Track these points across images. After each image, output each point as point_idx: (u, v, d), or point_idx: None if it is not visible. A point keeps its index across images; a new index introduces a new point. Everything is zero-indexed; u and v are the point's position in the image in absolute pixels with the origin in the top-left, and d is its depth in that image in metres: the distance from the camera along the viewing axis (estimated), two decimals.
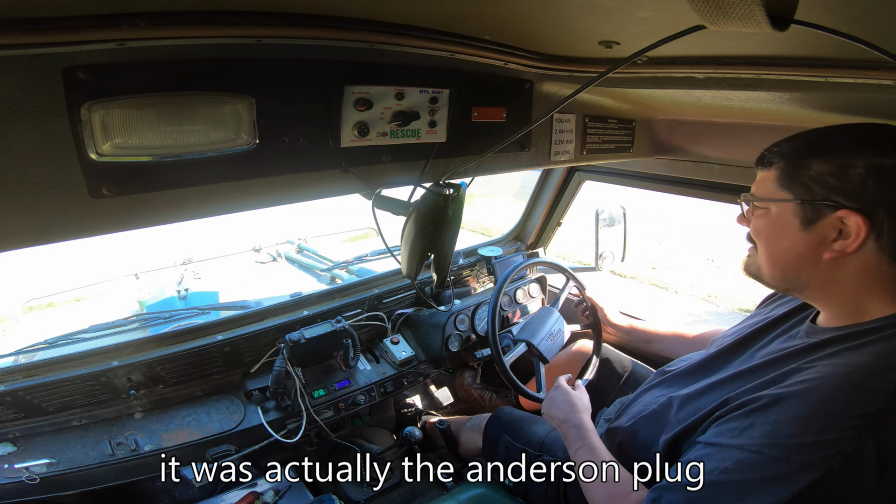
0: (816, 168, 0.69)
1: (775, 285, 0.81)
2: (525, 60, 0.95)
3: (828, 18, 0.50)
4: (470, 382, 1.97)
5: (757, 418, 0.70)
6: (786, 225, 0.73)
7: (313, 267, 2.31)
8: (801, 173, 0.71)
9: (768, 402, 0.70)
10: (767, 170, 0.76)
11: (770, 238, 0.77)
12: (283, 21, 0.65)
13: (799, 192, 0.71)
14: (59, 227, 0.61)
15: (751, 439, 0.69)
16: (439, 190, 0.95)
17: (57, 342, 1.48)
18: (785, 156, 0.74)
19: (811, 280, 0.75)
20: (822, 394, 0.66)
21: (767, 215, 0.76)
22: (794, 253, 0.74)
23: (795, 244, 0.73)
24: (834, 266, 0.71)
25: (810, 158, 0.70)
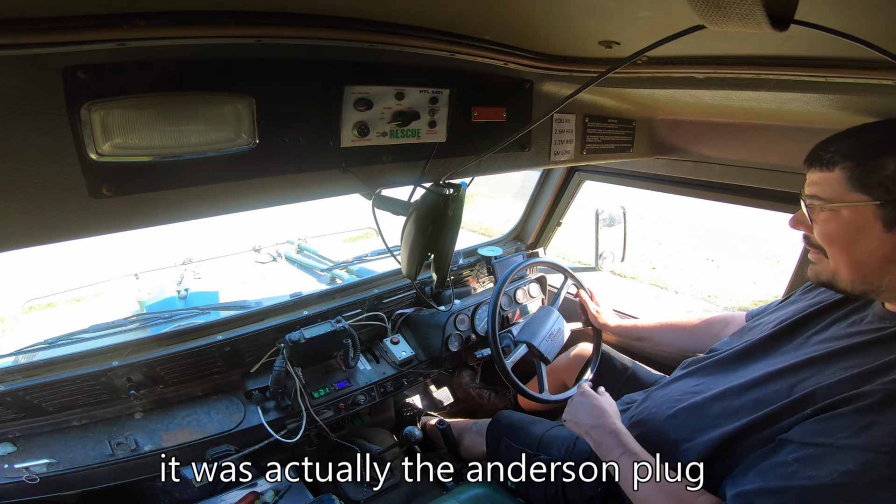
0: (892, 167, 0.68)
1: (853, 289, 0.77)
2: (525, 60, 0.95)
3: (828, 18, 0.50)
4: (468, 382, 1.97)
5: (877, 416, 0.67)
6: (866, 227, 0.71)
7: (313, 267, 2.31)
8: (877, 174, 0.69)
9: (884, 397, 0.67)
10: (829, 171, 0.74)
11: (848, 242, 0.73)
12: (283, 21, 0.65)
13: (878, 193, 0.69)
14: (59, 227, 0.61)
15: (876, 439, 0.65)
16: (439, 190, 0.95)
17: (57, 342, 1.48)
18: (851, 156, 0.71)
19: (893, 280, 0.72)
20: None
21: (839, 218, 0.73)
22: (879, 254, 0.71)
23: (880, 246, 0.70)
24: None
25: (884, 157, 0.68)
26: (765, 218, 1.50)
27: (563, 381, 1.71)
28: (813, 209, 0.77)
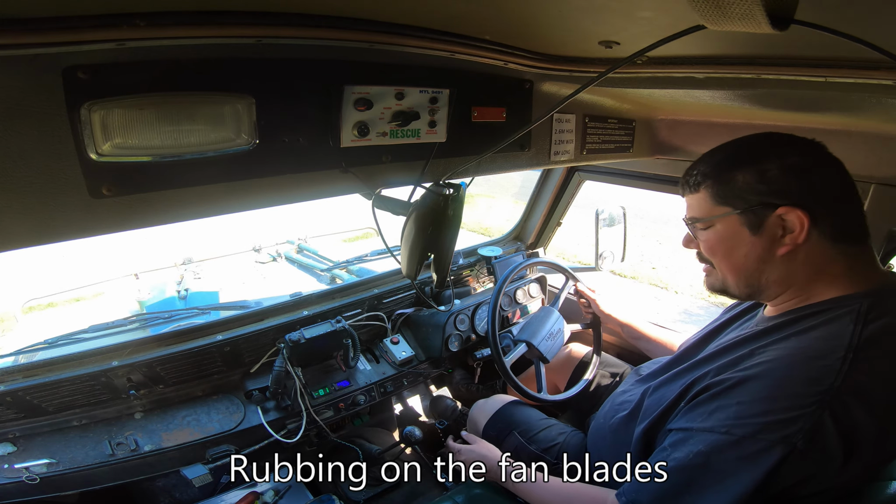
0: (742, 178, 0.77)
1: (740, 293, 0.84)
2: (525, 60, 0.95)
3: (828, 18, 0.49)
4: (457, 381, 1.96)
5: (722, 401, 0.74)
6: (736, 235, 0.79)
7: (313, 267, 2.31)
8: (731, 187, 0.77)
9: (731, 384, 0.74)
10: (696, 192, 0.83)
11: (726, 251, 0.81)
12: (283, 21, 0.65)
13: (736, 203, 0.77)
14: (59, 227, 0.61)
15: (719, 421, 0.72)
16: (439, 190, 0.95)
17: (57, 342, 1.48)
18: (709, 175, 0.80)
19: (771, 278, 0.79)
20: (779, 374, 0.71)
21: (715, 232, 0.81)
22: (753, 257, 0.79)
23: (752, 249, 0.78)
24: (788, 260, 0.77)
25: (733, 172, 0.77)
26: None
27: (555, 382, 1.71)
28: (694, 229, 0.85)
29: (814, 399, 0.67)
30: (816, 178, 0.74)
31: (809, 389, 0.67)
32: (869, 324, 0.70)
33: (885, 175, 1.18)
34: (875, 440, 0.68)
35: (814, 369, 0.69)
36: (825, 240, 0.75)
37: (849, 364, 0.67)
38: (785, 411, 0.68)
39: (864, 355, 0.68)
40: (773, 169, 0.75)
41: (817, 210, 0.73)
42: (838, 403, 0.66)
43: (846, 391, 0.66)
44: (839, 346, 0.69)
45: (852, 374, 0.67)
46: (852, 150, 1.18)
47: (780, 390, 0.69)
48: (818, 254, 0.75)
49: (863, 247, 0.78)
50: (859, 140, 1.16)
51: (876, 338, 0.69)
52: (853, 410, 0.66)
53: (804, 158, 0.75)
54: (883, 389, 0.68)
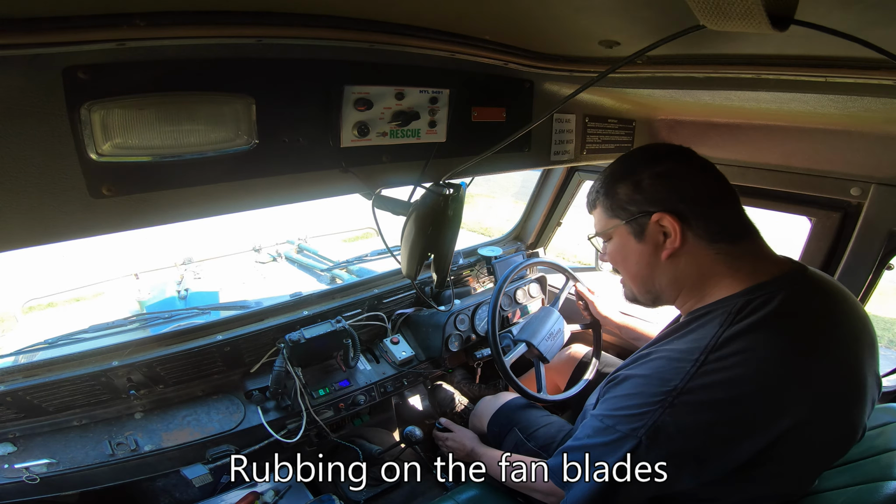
0: (621, 192, 0.84)
1: (644, 300, 0.90)
2: (525, 60, 0.95)
3: (828, 18, 0.50)
4: (458, 380, 1.97)
5: (608, 393, 0.82)
6: (627, 244, 0.86)
7: (313, 267, 2.31)
8: (616, 199, 0.85)
9: (619, 380, 0.81)
10: (595, 209, 0.91)
11: (623, 259, 0.88)
12: (283, 21, 0.65)
13: (622, 214, 0.84)
14: (59, 227, 0.61)
15: (600, 410, 0.81)
16: (439, 190, 0.95)
17: (57, 342, 1.48)
18: (600, 192, 0.88)
19: (662, 282, 0.85)
20: (647, 374, 0.77)
21: (613, 244, 0.89)
22: (643, 262, 0.85)
23: (640, 256, 0.84)
24: (673, 263, 0.82)
25: (616, 186, 0.85)
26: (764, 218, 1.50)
27: (556, 382, 1.71)
28: (599, 244, 0.93)
29: (659, 399, 0.71)
30: (685, 183, 0.80)
31: (658, 389, 0.72)
32: (734, 324, 0.72)
33: (885, 175, 1.18)
34: (721, 441, 0.70)
35: (670, 371, 0.73)
36: (701, 241, 0.79)
37: (698, 366, 0.70)
38: (638, 407, 0.73)
39: (716, 356, 0.70)
40: (646, 179, 0.81)
41: (688, 214, 0.78)
42: (680, 404, 0.69)
43: (687, 392, 0.69)
44: (697, 348, 0.72)
45: (699, 376, 0.70)
46: (852, 150, 1.18)
47: (640, 388, 0.75)
48: (699, 255, 0.80)
49: (746, 243, 0.80)
50: (859, 140, 1.16)
51: (733, 337, 0.71)
52: (694, 411, 0.69)
53: (672, 166, 0.82)
54: (725, 390, 0.69)
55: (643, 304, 0.91)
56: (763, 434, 0.69)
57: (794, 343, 0.72)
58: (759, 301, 0.73)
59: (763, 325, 0.71)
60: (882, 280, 1.29)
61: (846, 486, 0.79)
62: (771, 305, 0.72)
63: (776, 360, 0.70)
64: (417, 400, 1.95)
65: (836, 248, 1.32)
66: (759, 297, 0.74)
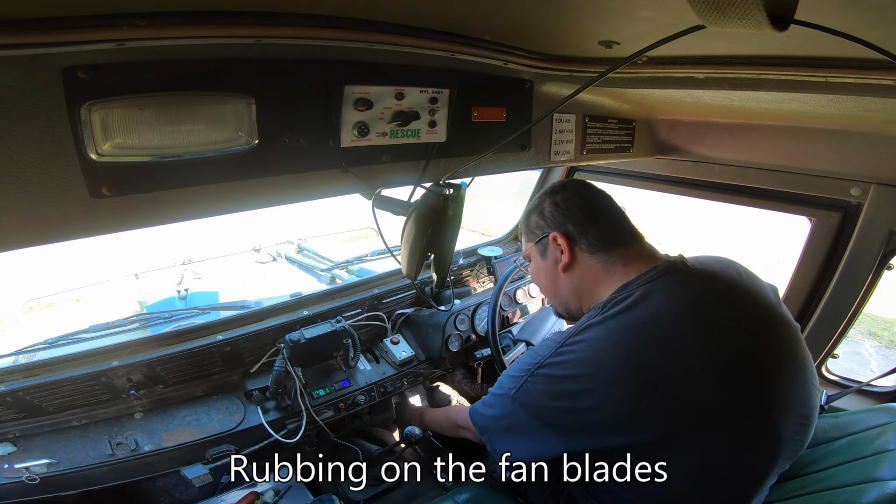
0: (532, 220, 1.05)
1: (561, 311, 1.07)
2: (525, 60, 0.95)
3: (828, 18, 0.49)
4: (459, 380, 1.97)
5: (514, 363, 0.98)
6: (537, 262, 1.05)
7: (313, 267, 2.31)
8: (529, 227, 1.06)
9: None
10: (523, 237, 1.09)
11: (536, 275, 1.07)
12: (283, 21, 0.65)
13: (532, 237, 1.04)
14: (59, 227, 0.61)
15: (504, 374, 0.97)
16: (439, 190, 0.95)
17: (57, 342, 1.48)
18: (523, 222, 1.09)
19: (564, 293, 1.01)
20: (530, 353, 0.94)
21: (532, 265, 1.08)
22: (549, 277, 1.02)
23: (546, 271, 1.03)
24: (569, 275, 0.99)
25: (529, 217, 1.06)
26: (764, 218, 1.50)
27: None
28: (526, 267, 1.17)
29: (526, 369, 0.89)
30: (572, 208, 0.99)
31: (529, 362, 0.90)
32: (594, 318, 0.86)
33: (885, 175, 1.18)
34: (570, 414, 0.84)
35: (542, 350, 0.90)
36: (584, 253, 0.97)
37: (557, 347, 0.87)
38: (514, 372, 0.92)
39: (570, 341, 0.86)
40: (546, 206, 1.01)
41: (574, 233, 0.97)
42: (534, 375, 0.88)
43: (543, 366, 0.87)
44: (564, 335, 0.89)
45: (554, 356, 0.86)
46: (852, 150, 1.18)
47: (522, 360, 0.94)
48: (585, 266, 0.97)
49: (621, 249, 0.95)
50: (859, 140, 1.16)
51: (588, 328, 0.85)
52: (543, 383, 0.86)
53: (566, 196, 1.00)
54: (566, 368, 0.84)
55: (562, 317, 1.08)
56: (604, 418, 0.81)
57: (630, 335, 0.82)
58: (620, 297, 0.86)
59: (612, 317, 0.84)
60: (882, 280, 1.29)
61: (846, 486, 0.79)
62: (628, 301, 0.85)
63: (610, 351, 0.82)
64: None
65: (836, 248, 1.32)
66: (621, 295, 0.87)
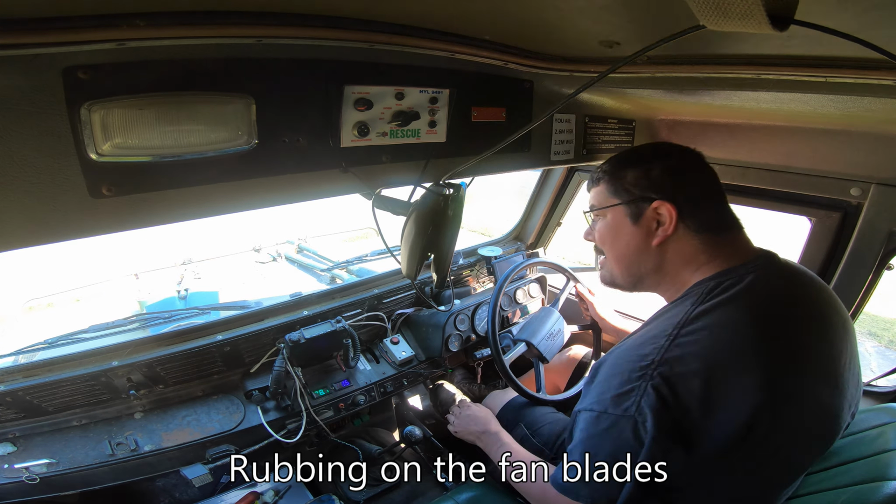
0: (630, 175, 0.89)
1: (624, 283, 0.94)
2: (525, 60, 0.95)
3: (828, 18, 0.50)
4: (459, 380, 1.97)
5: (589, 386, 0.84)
6: (621, 224, 0.90)
7: (313, 267, 2.31)
8: (622, 181, 0.89)
9: (598, 367, 0.84)
10: (598, 185, 0.94)
11: (612, 239, 0.92)
12: (283, 21, 0.65)
13: (623, 196, 0.89)
14: (59, 227, 0.61)
15: (588, 402, 0.81)
16: (439, 190, 0.95)
17: (57, 342, 1.48)
18: (608, 172, 0.92)
19: (647, 267, 0.89)
20: (623, 354, 0.79)
21: (605, 222, 0.93)
22: (632, 246, 0.89)
23: (632, 238, 0.89)
24: (660, 250, 0.87)
25: (625, 169, 0.90)
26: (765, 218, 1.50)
27: (556, 383, 1.71)
28: (593, 218, 0.96)
29: (640, 374, 0.73)
30: (687, 179, 0.87)
31: (638, 364, 0.74)
32: (704, 303, 0.77)
33: (885, 175, 1.18)
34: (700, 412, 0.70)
35: (647, 346, 0.76)
36: (689, 231, 0.85)
37: (671, 339, 0.74)
38: (621, 385, 0.74)
39: (686, 330, 0.74)
40: (656, 169, 0.87)
41: (683, 206, 0.84)
42: (658, 375, 0.71)
43: (664, 363, 0.72)
44: (672, 324, 0.76)
45: (672, 348, 0.73)
46: (852, 150, 1.18)
47: (622, 367, 0.77)
48: (684, 245, 0.85)
49: (729, 234, 0.86)
50: (859, 140, 1.16)
51: (703, 313, 0.76)
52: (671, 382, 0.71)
53: (680, 163, 0.88)
54: (695, 361, 0.72)
55: (622, 286, 0.95)
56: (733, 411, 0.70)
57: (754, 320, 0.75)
58: (730, 282, 0.79)
59: (729, 302, 0.76)
60: (882, 280, 1.29)
61: (846, 486, 0.79)
62: (740, 285, 0.78)
63: (737, 337, 0.74)
64: (417, 400, 1.95)
65: (836, 248, 1.32)
66: (729, 279, 0.79)
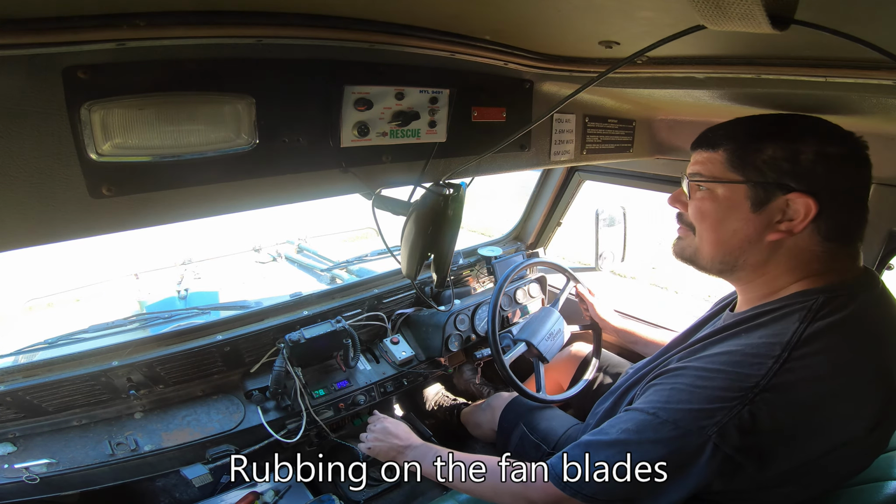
0: (770, 152, 0.71)
1: (710, 267, 0.81)
2: (525, 60, 0.95)
3: (828, 18, 0.49)
4: (469, 377, 1.97)
5: (660, 384, 0.75)
6: (736, 206, 0.74)
7: (313, 267, 2.31)
8: (755, 156, 0.72)
9: (672, 370, 0.75)
10: (713, 151, 0.77)
11: (717, 220, 0.76)
12: (283, 21, 0.65)
13: (751, 174, 0.72)
14: (59, 227, 0.60)
15: (649, 403, 0.73)
16: (439, 190, 0.95)
17: (57, 342, 1.48)
18: (735, 138, 0.75)
19: (748, 261, 0.76)
20: (713, 367, 0.70)
21: (714, 197, 0.76)
22: (742, 234, 0.74)
23: (744, 226, 0.74)
24: (773, 247, 0.73)
25: (764, 142, 0.72)
26: None
27: (559, 382, 1.72)
28: (692, 187, 0.79)
29: (738, 395, 0.65)
30: (842, 172, 0.70)
31: (736, 384, 0.66)
32: (817, 321, 0.68)
33: (885, 175, 1.18)
34: (792, 440, 0.66)
35: (746, 366, 0.67)
36: (816, 235, 0.71)
37: (781, 363, 0.65)
38: (708, 402, 0.67)
39: (799, 353, 0.66)
40: (809, 153, 0.69)
41: (827, 204, 0.69)
42: (760, 401, 0.64)
43: (771, 389, 0.64)
44: (778, 343, 0.67)
45: (782, 373, 0.65)
46: None
47: (709, 382, 0.69)
48: (803, 247, 0.72)
49: (853, 247, 0.75)
50: None
51: (816, 335, 0.67)
52: (775, 409, 0.64)
53: (844, 152, 0.71)
54: (807, 388, 0.65)
55: (702, 269, 0.82)
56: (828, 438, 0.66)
57: (871, 348, 0.68)
58: (841, 301, 0.69)
59: (844, 325, 0.67)
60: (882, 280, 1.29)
61: (846, 486, 0.79)
62: (851, 307, 0.68)
63: (856, 364, 0.67)
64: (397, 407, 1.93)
65: None
66: (840, 297, 0.69)
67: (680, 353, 0.83)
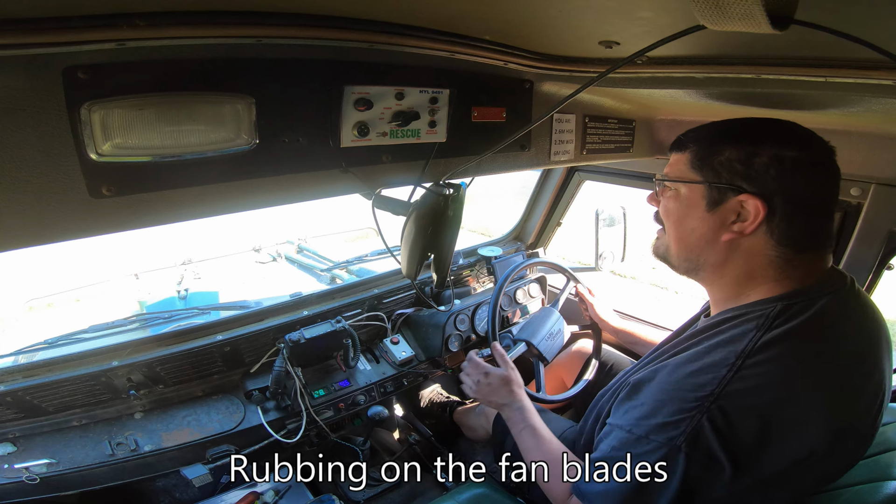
0: (727, 154, 0.73)
1: (678, 265, 0.84)
2: (525, 60, 0.95)
3: (828, 18, 0.49)
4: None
5: (633, 401, 0.78)
6: (694, 206, 0.77)
7: (313, 267, 2.31)
8: (713, 158, 0.75)
9: (638, 383, 0.78)
10: (681, 153, 0.80)
11: (678, 218, 0.80)
12: (283, 21, 0.65)
13: (708, 175, 0.75)
14: (59, 227, 0.61)
15: (626, 420, 0.76)
16: (439, 190, 0.95)
17: (57, 342, 1.48)
18: (699, 140, 0.78)
19: (707, 261, 0.79)
20: (671, 378, 0.73)
21: (678, 196, 0.79)
22: (699, 233, 0.77)
23: (700, 224, 0.77)
24: (729, 247, 0.75)
25: (723, 144, 0.74)
26: None
27: (563, 379, 1.72)
28: (661, 186, 0.84)
29: (695, 405, 0.68)
30: (799, 178, 0.70)
31: (692, 395, 0.69)
32: (772, 329, 0.69)
33: (885, 175, 1.18)
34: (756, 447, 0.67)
35: (702, 374, 0.70)
36: (770, 239, 0.72)
37: (735, 371, 0.67)
38: (671, 414, 0.70)
39: (752, 361, 0.68)
40: (764, 156, 0.71)
41: (780, 209, 0.71)
42: (716, 409, 0.66)
43: (724, 397, 0.67)
44: (733, 352, 0.69)
45: (735, 381, 0.67)
46: (852, 150, 1.18)
47: (670, 394, 0.72)
48: (758, 251, 0.74)
49: (809, 255, 0.74)
50: (859, 140, 1.16)
51: (770, 343, 0.68)
52: (731, 416, 0.66)
53: (801, 158, 0.70)
54: (758, 396, 0.67)
55: (674, 269, 0.85)
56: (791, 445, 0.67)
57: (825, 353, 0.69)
58: (798, 307, 0.70)
59: (797, 333, 0.68)
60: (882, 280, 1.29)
61: (846, 486, 0.79)
62: (809, 312, 0.69)
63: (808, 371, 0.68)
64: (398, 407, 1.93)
65: (837, 248, 1.32)
66: (797, 302, 0.71)
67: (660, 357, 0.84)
